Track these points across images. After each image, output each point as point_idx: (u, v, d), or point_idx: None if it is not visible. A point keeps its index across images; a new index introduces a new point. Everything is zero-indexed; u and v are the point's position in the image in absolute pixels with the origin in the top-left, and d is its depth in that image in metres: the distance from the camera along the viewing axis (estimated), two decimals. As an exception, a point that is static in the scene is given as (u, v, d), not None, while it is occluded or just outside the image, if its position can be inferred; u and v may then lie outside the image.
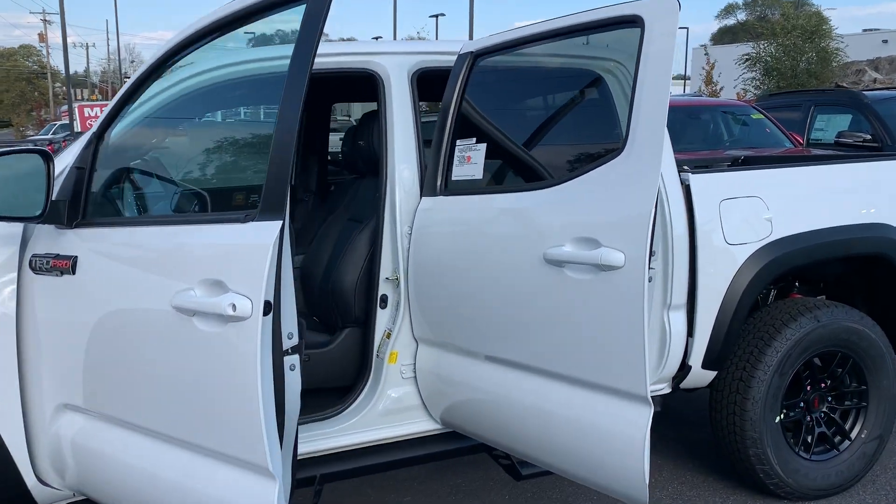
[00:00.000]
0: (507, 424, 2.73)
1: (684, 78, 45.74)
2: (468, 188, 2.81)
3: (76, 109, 21.59)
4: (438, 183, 2.87)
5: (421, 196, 2.94)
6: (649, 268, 2.18)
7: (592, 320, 2.29)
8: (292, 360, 2.30)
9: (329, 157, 4.87)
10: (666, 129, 2.21)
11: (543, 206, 2.48)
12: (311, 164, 4.49)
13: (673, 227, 3.10)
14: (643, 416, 2.27)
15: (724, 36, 62.27)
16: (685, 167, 3.35)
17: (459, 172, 2.84)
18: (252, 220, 2.00)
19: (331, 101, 4.80)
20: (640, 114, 2.19)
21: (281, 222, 1.94)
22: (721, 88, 25.44)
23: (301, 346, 2.33)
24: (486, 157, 2.80)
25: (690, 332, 3.32)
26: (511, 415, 2.69)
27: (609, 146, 2.33)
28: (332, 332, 3.18)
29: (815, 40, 22.35)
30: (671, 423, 4.32)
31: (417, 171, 2.97)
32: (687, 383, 3.48)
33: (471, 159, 2.79)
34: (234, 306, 1.94)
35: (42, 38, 62.34)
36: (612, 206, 2.25)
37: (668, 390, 3.45)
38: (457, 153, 2.85)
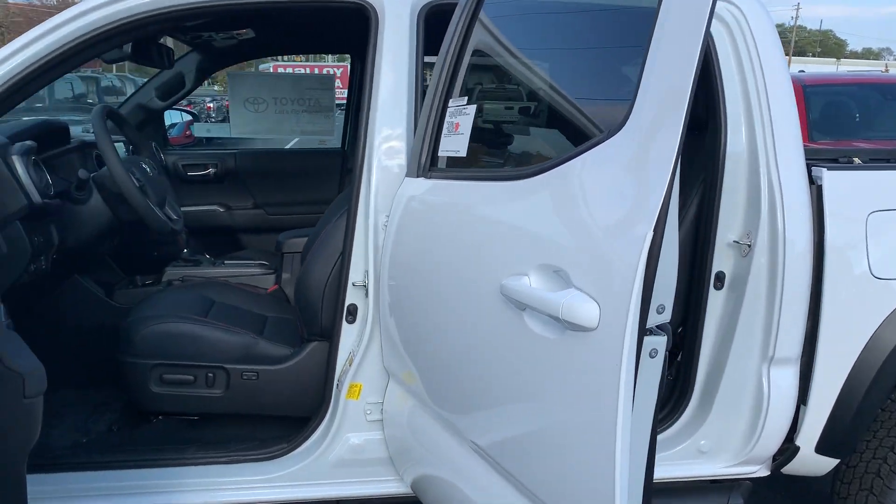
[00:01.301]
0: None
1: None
2: (449, 169, 1.93)
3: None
4: (422, 159, 2.02)
5: (406, 176, 2.11)
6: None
7: (550, 411, 1.37)
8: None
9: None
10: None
11: (512, 208, 1.56)
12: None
13: (787, 244, 2.12)
14: None
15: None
16: (819, 159, 2.31)
17: (445, 146, 1.96)
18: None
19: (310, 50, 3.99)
20: (655, 68, 1.22)
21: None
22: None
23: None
24: (486, 127, 1.91)
25: (803, 399, 2.30)
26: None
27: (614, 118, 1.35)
28: (294, 346, 2.45)
29: None
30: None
31: (407, 142, 2.15)
32: (793, 469, 2.45)
33: (458, 127, 1.91)
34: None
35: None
36: (588, 219, 1.30)
37: (763, 473, 2.45)
38: (446, 118, 1.97)
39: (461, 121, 1.90)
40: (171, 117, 5.63)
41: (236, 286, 2.89)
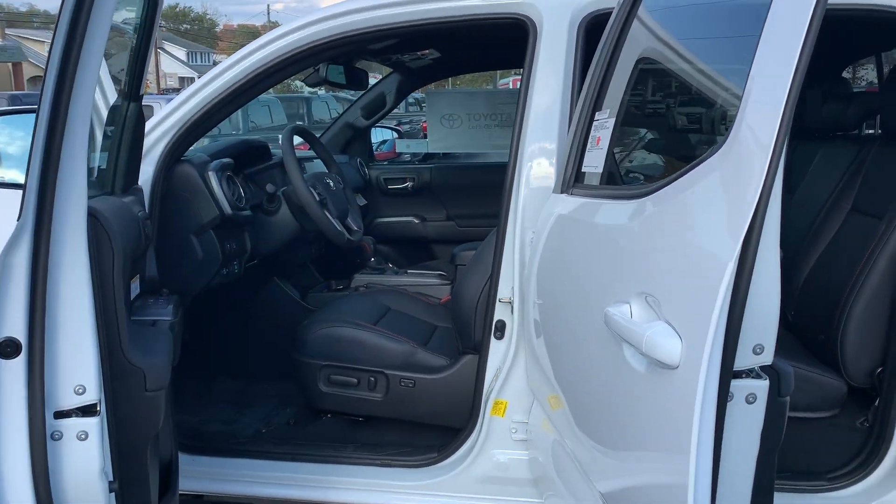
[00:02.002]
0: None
1: None
2: (587, 186, 1.85)
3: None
4: (567, 175, 1.96)
5: (552, 192, 2.06)
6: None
7: (644, 462, 1.24)
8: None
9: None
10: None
11: (622, 229, 1.44)
12: None
13: None
14: None
15: None
16: None
17: (588, 161, 1.88)
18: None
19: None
20: (757, 76, 1.06)
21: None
22: None
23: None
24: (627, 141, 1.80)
25: None
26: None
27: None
28: (451, 358, 2.49)
29: None
30: None
31: (557, 158, 2.10)
32: None
33: (599, 142, 1.82)
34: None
35: None
36: (680, 244, 1.16)
37: None
38: (591, 133, 1.89)
39: (602, 135, 1.82)
40: (384, 134, 6.03)
41: (413, 295, 3.01)
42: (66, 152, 1.34)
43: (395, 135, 6.17)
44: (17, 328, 1.34)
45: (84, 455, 1.44)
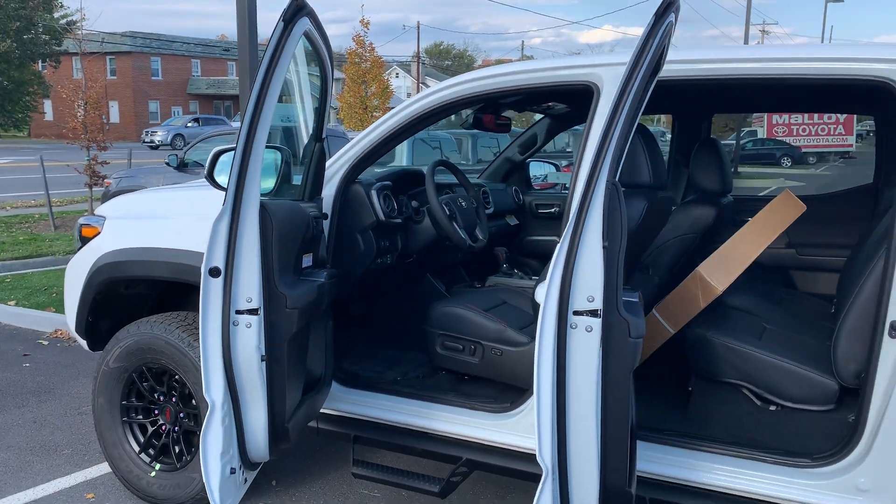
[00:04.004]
0: None
1: None
2: None
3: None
4: None
5: None
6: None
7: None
8: None
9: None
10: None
11: None
12: None
13: None
14: None
15: None
16: None
17: None
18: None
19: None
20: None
21: None
22: None
23: None
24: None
25: None
26: None
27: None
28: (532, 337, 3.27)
29: None
30: None
31: None
32: None
33: None
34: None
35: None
36: None
37: None
38: None
39: None
40: (543, 168, 6.82)
41: (527, 295, 3.82)
42: (251, 173, 2.44)
43: (554, 168, 6.97)
44: (219, 261, 2.47)
45: (249, 337, 2.53)
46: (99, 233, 3.65)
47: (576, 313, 1.87)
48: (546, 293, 1.88)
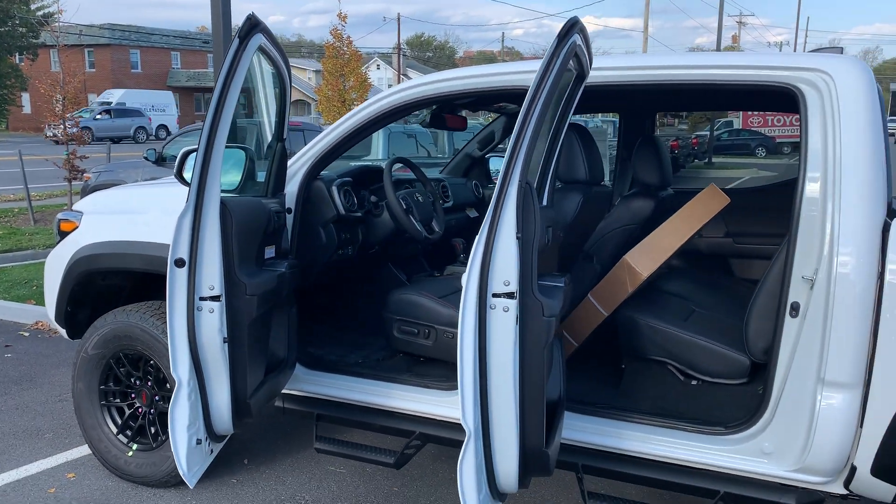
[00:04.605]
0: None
1: None
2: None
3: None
4: None
5: None
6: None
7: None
8: None
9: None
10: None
11: None
12: None
13: (839, 282, 2.55)
14: None
15: None
16: None
17: None
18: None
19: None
20: None
21: None
22: None
23: None
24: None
25: (861, 422, 2.61)
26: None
27: None
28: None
29: None
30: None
31: None
32: (860, 489, 2.70)
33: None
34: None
35: (735, 39, 65.96)
36: None
37: (838, 489, 2.75)
38: None
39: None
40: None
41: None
42: (212, 172, 2.70)
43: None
44: (184, 253, 2.73)
45: (212, 321, 2.79)
46: (77, 227, 3.88)
47: (494, 295, 2.15)
48: (467, 278, 2.16)
